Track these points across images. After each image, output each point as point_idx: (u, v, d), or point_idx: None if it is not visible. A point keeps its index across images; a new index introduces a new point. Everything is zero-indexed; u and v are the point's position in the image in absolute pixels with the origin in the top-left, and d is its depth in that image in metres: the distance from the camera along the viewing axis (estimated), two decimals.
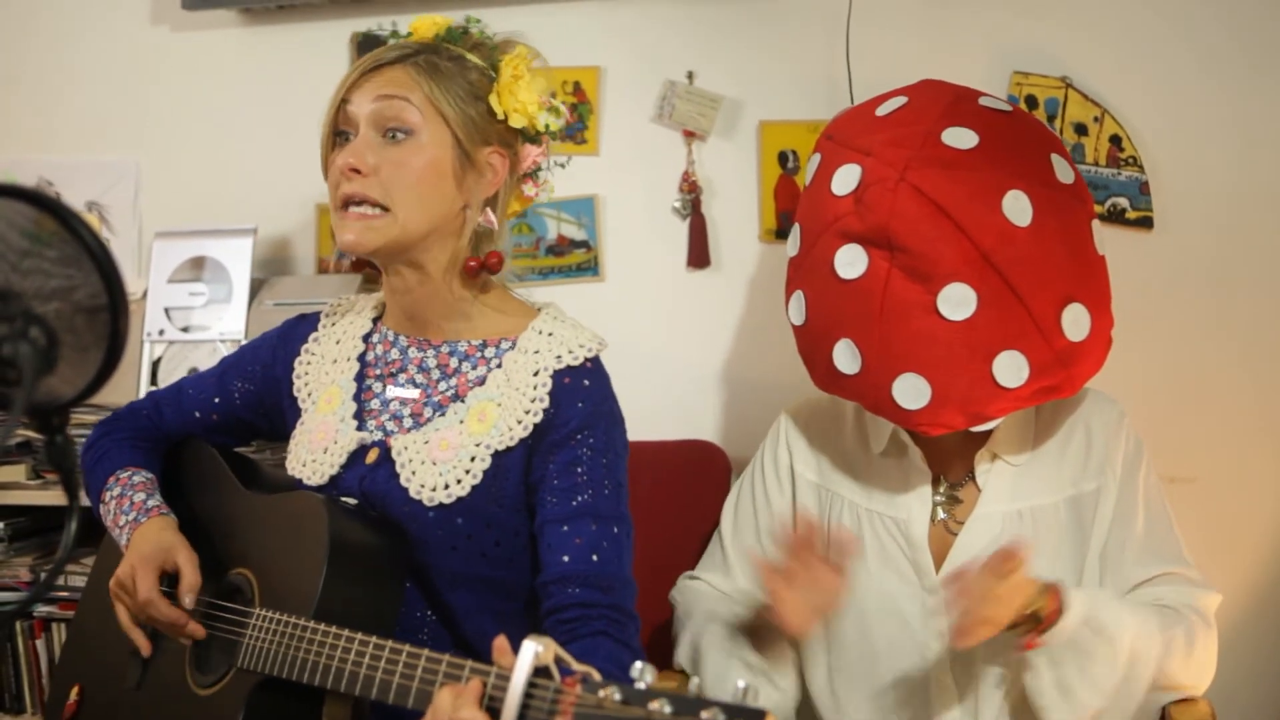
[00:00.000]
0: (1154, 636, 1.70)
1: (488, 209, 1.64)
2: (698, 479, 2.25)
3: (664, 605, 2.02)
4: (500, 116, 1.63)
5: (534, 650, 1.19)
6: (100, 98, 2.73)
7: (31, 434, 2.31)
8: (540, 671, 1.19)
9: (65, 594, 2.42)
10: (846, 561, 1.72)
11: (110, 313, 0.98)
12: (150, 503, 1.69)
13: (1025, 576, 1.62)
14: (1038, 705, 1.72)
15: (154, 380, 2.45)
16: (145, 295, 2.51)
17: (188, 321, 2.48)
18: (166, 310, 2.49)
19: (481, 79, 1.63)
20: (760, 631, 1.82)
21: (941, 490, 1.88)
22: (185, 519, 1.74)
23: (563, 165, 1.76)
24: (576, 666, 1.18)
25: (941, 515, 1.87)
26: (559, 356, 1.60)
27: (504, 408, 1.59)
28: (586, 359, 1.62)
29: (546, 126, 1.67)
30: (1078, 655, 1.68)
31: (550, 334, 1.63)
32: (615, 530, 1.58)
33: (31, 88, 2.76)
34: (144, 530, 1.64)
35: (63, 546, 1.02)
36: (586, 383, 1.61)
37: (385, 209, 1.57)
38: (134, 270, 2.66)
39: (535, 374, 1.60)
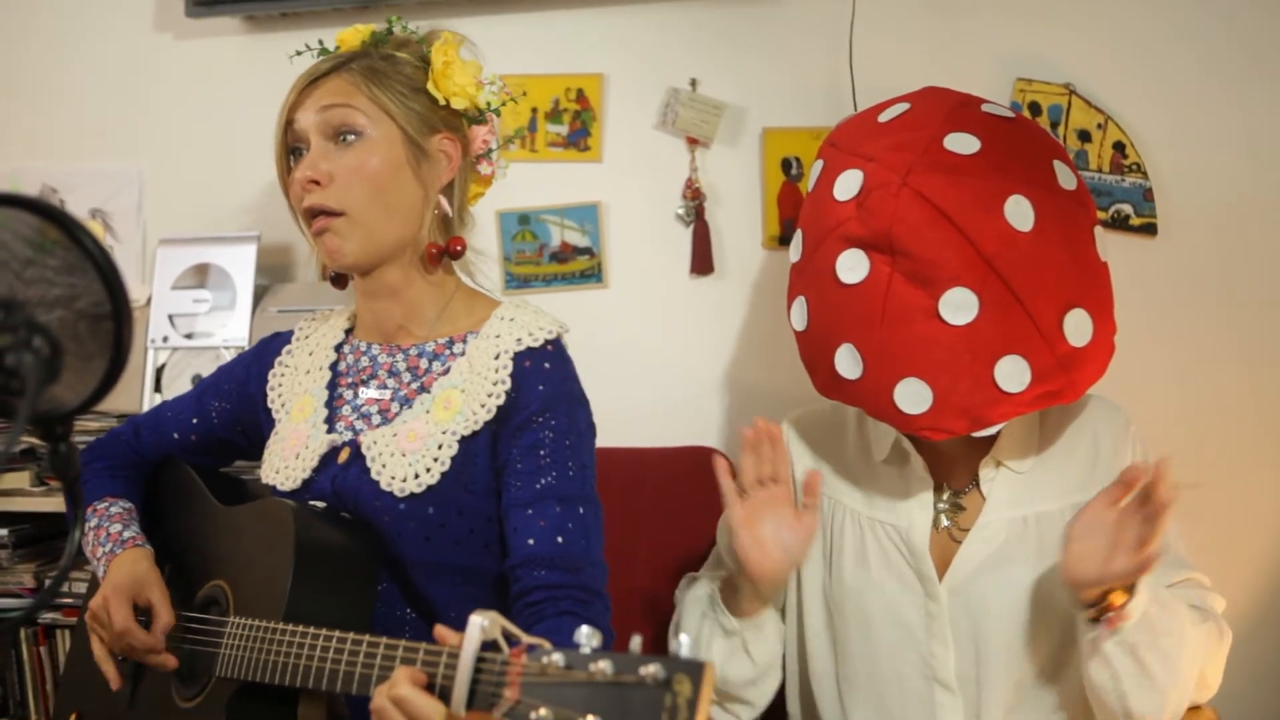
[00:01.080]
0: (1200, 625, 1.71)
1: (441, 196, 1.67)
2: (701, 485, 2.23)
3: (670, 610, 2.02)
4: (442, 102, 1.66)
5: (480, 625, 1.20)
6: (104, 105, 2.73)
7: (35, 441, 2.32)
8: (490, 646, 1.20)
9: (69, 601, 2.42)
10: (812, 501, 1.77)
11: (114, 321, 0.98)
12: (126, 534, 1.71)
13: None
14: (1113, 693, 1.68)
15: (158, 387, 2.45)
16: (149, 302, 2.53)
17: (191, 328, 2.49)
18: (170, 317, 2.50)
19: (417, 72, 1.67)
20: (736, 592, 1.83)
21: (945, 498, 1.88)
22: (164, 539, 1.76)
23: (511, 140, 1.79)
24: (525, 638, 1.19)
25: (945, 523, 1.86)
26: (519, 339, 1.62)
27: (467, 393, 1.60)
28: (547, 341, 1.63)
29: (489, 104, 1.70)
30: (1149, 631, 1.65)
31: (511, 319, 1.65)
32: (581, 511, 1.57)
33: (35, 96, 2.76)
34: (119, 561, 1.66)
35: (66, 553, 1.03)
36: (547, 365, 1.61)
37: (339, 213, 1.59)
38: (138, 277, 2.66)
39: (496, 357, 1.61)
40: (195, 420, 1.83)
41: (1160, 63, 2.25)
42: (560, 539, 1.55)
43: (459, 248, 1.67)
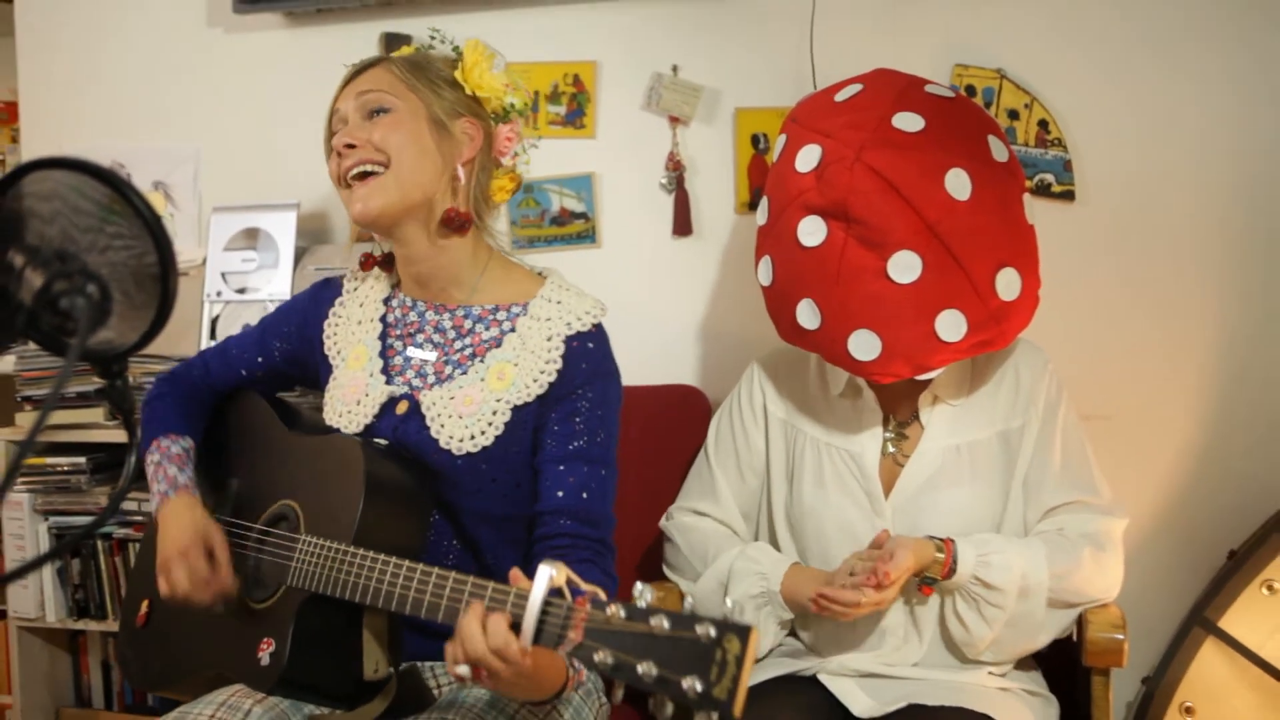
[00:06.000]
0: (1042, 571, 1.72)
1: (461, 168, 1.61)
2: (681, 418, 2.24)
3: (653, 525, 2.02)
4: (470, 92, 1.62)
5: (549, 574, 1.18)
6: (164, 91, 2.69)
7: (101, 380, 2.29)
8: (554, 593, 1.18)
9: (140, 517, 2.41)
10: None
11: (160, 269, 0.96)
12: (181, 478, 1.66)
13: (906, 566, 1.68)
14: (948, 629, 1.78)
15: (213, 334, 2.44)
16: (204, 262, 2.50)
17: (242, 284, 2.47)
18: (223, 275, 2.47)
19: (448, 65, 1.64)
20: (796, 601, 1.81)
21: (891, 428, 1.86)
22: (236, 456, 1.74)
23: (534, 143, 1.73)
24: (585, 587, 1.17)
25: (891, 449, 1.85)
26: (569, 324, 1.59)
27: (521, 368, 1.57)
28: (593, 325, 1.61)
29: (512, 105, 1.66)
30: (970, 601, 1.74)
31: (559, 302, 1.61)
32: (603, 473, 1.57)
33: (105, 84, 2.72)
34: (174, 507, 1.62)
35: (124, 476, 1.01)
36: (591, 345, 1.59)
37: (384, 165, 1.56)
38: (195, 241, 2.63)
39: (549, 339, 1.58)
40: (260, 359, 1.79)
41: (1080, 52, 2.22)
42: (585, 495, 1.55)
43: (464, 221, 1.60)
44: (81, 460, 2.42)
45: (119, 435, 2.36)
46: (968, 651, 1.76)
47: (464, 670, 1.24)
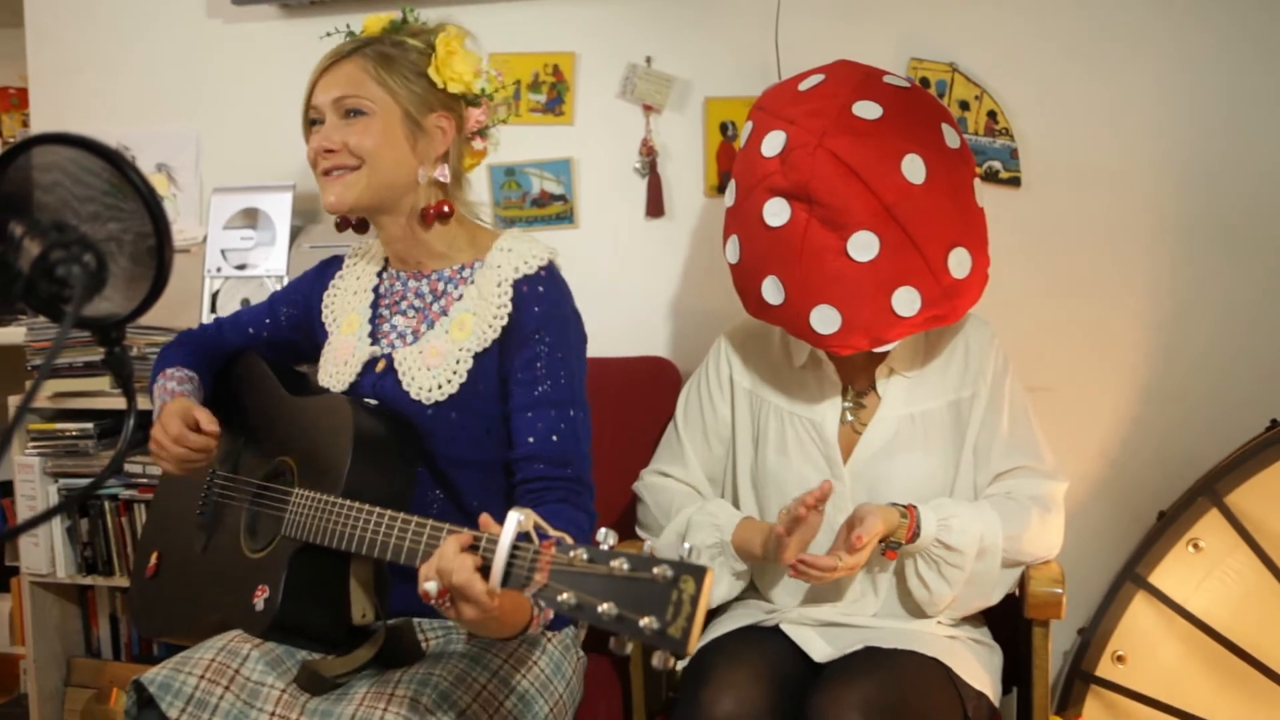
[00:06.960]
0: (998, 533, 1.73)
1: (443, 164, 1.60)
2: (653, 388, 2.24)
3: (627, 488, 2.01)
4: (441, 85, 1.59)
5: (517, 519, 1.17)
6: (168, 79, 2.66)
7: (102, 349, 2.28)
8: (522, 537, 1.17)
9: (144, 480, 2.40)
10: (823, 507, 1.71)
11: (157, 244, 0.94)
12: (180, 390, 1.68)
13: (877, 531, 1.67)
14: (910, 590, 1.78)
15: (214, 309, 2.42)
16: (205, 240, 2.48)
17: (241, 261, 2.45)
18: (223, 252, 2.46)
19: (422, 57, 1.59)
20: (749, 552, 1.80)
21: (850, 397, 1.86)
22: (240, 418, 1.74)
23: (503, 120, 1.70)
24: (552, 532, 1.17)
25: (849, 418, 1.86)
26: (516, 268, 1.58)
27: (478, 316, 1.57)
28: (540, 268, 1.58)
29: (482, 90, 1.63)
30: (931, 562, 1.74)
31: (510, 250, 1.60)
32: (571, 413, 1.55)
33: (113, 72, 2.69)
34: (167, 408, 1.62)
35: (123, 439, 0.99)
36: (541, 289, 1.57)
37: (356, 167, 1.55)
38: (196, 219, 2.61)
39: (499, 285, 1.57)
40: (268, 321, 1.80)
41: (1027, 48, 2.21)
42: (555, 438, 1.53)
43: (446, 209, 1.60)
44: (89, 426, 2.41)
45: (124, 402, 2.34)
46: (929, 610, 1.77)
47: (431, 587, 1.24)
